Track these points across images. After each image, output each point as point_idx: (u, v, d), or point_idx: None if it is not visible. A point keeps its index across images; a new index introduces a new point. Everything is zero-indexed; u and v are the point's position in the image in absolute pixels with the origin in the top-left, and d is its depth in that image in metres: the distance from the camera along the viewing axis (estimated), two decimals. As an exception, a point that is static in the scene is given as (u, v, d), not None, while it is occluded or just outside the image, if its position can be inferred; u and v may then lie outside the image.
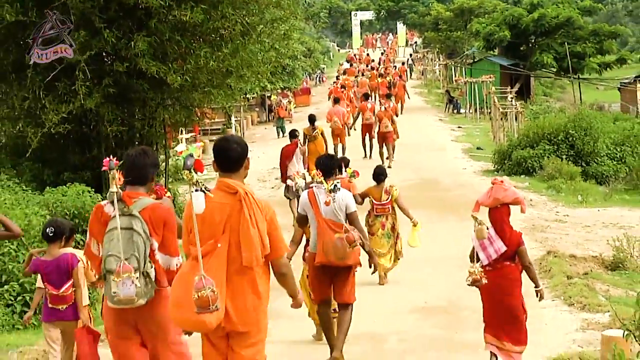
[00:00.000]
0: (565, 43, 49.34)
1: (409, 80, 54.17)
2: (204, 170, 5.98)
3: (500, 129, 33.01)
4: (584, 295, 12.09)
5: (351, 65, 61.59)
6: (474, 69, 50.17)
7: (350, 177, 11.51)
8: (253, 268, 5.79)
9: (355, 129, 29.44)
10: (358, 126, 29.07)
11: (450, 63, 58.98)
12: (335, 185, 9.22)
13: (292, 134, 19.81)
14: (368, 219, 13.63)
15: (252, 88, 29.95)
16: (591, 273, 14.12)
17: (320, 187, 9.29)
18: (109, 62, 17.37)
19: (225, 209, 5.82)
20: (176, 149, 5.56)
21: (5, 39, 17.02)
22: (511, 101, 36.81)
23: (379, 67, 57.49)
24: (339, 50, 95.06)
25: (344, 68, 58.69)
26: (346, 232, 9.02)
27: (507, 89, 44.44)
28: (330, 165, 9.60)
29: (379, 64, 61.44)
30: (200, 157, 5.91)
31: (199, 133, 33.37)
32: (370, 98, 31.03)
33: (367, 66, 60.90)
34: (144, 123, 18.56)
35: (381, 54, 76.54)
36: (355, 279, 9.52)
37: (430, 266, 14.64)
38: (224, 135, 6.41)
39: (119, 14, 17.07)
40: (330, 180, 9.33)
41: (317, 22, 78.96)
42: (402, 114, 39.70)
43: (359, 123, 28.49)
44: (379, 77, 48.05)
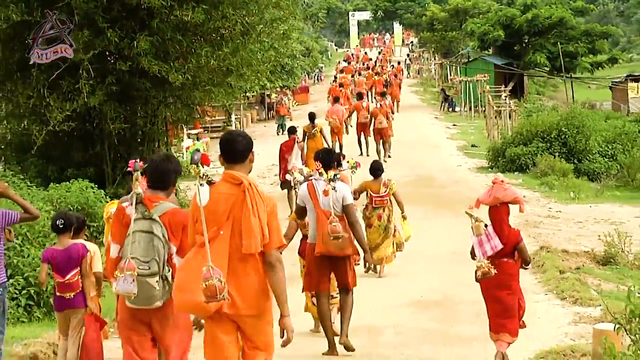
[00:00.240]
0: (558, 43, 49.30)
1: (405, 79, 54.17)
2: (210, 164, 6.02)
3: (495, 127, 33.01)
4: (576, 289, 12.11)
5: (348, 64, 61.51)
6: (469, 68, 50.12)
7: (352, 168, 11.52)
8: (255, 255, 5.84)
9: (351, 126, 29.38)
10: (354, 124, 29.00)
11: (445, 62, 58.93)
12: (335, 175, 9.35)
13: (291, 130, 19.90)
14: (365, 212, 13.73)
15: (252, 86, 29.93)
16: (583, 268, 14.13)
17: (320, 179, 9.37)
18: (112, 61, 17.36)
19: (230, 199, 5.88)
20: (183, 144, 5.53)
21: (10, 38, 17.02)
22: (505, 100, 36.78)
23: (376, 66, 57.44)
24: (336, 49, 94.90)
25: (342, 67, 58.60)
26: (331, 223, 9.08)
27: (501, 87, 44.34)
28: (328, 159, 9.68)
29: (376, 63, 61.38)
30: (206, 152, 5.94)
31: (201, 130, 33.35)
32: (365, 97, 30.93)
33: (363, 64, 60.86)
34: (146, 121, 18.57)
35: (378, 53, 76.46)
36: (354, 267, 9.57)
37: (426, 261, 14.63)
38: (230, 130, 6.44)
39: (121, 14, 17.07)
40: (329, 171, 9.41)
41: (316, 22, 78.95)
42: (398, 112, 39.71)
43: (354, 122, 28.43)
44: (376, 75, 48.03)
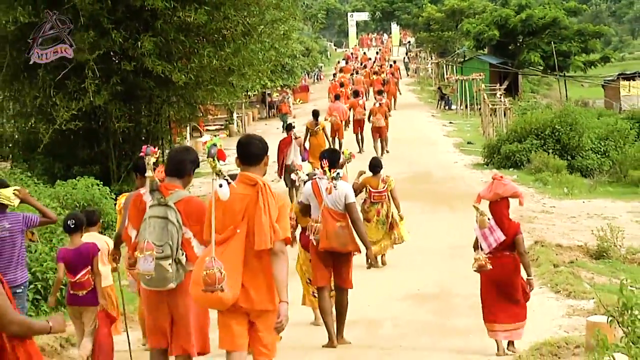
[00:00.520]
0: (552, 42, 49.29)
1: (402, 78, 54.11)
2: (226, 159, 6.11)
3: (490, 125, 33.00)
4: (570, 282, 12.10)
5: (347, 63, 61.47)
6: (465, 67, 50.11)
7: (347, 159, 11.53)
8: (268, 251, 5.98)
9: (349, 123, 29.35)
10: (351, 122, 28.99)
11: (442, 61, 58.88)
12: (338, 174, 9.48)
13: (288, 127, 20.05)
14: (364, 206, 13.76)
15: (253, 86, 29.94)
16: (576, 262, 14.13)
17: (323, 177, 9.48)
18: (116, 61, 17.37)
19: (245, 199, 6.04)
20: (201, 139, 5.74)
21: (17, 39, 17.02)
22: (500, 98, 36.77)
23: (374, 65, 57.39)
24: (335, 49, 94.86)
25: (341, 66, 58.55)
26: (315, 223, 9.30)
27: (496, 86, 44.37)
28: (334, 158, 9.78)
29: (374, 62, 61.33)
30: (223, 147, 6.11)
31: (203, 129, 33.32)
32: (361, 95, 30.87)
33: (361, 64, 60.78)
34: (150, 119, 18.59)
35: (376, 53, 76.46)
36: (352, 264, 9.62)
37: (423, 255, 14.62)
38: (247, 134, 6.58)
39: (126, 16, 17.07)
40: (333, 170, 9.53)
41: (315, 23, 78.54)
42: (395, 109, 39.70)
43: (351, 119, 28.42)
44: (374, 74, 48.00)
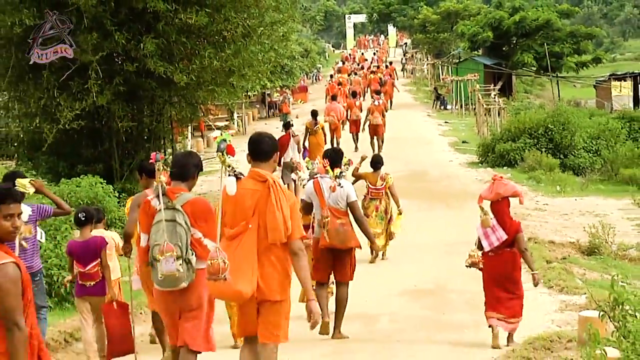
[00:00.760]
0: (545, 44, 49.31)
1: (399, 79, 54.07)
2: (235, 154, 6.26)
3: (484, 124, 33.00)
4: (562, 278, 12.13)
5: (344, 64, 61.42)
6: (460, 68, 50.07)
7: (345, 165, 11.57)
8: (279, 245, 6.11)
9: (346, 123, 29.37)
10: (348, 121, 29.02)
11: (437, 62, 58.85)
12: (341, 172, 9.64)
13: (286, 126, 20.07)
14: (364, 202, 13.87)
15: (253, 86, 29.92)
16: (569, 258, 14.15)
17: (325, 177, 9.57)
18: (119, 62, 17.36)
19: (255, 194, 6.14)
20: (211, 135, 6.00)
21: (22, 41, 16.99)
22: (494, 98, 36.76)
23: (371, 65, 57.35)
24: (333, 50, 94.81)
25: (338, 67, 58.49)
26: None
27: (490, 86, 44.40)
28: (336, 158, 9.87)
29: (371, 63, 61.27)
30: (232, 142, 6.26)
31: (204, 128, 33.31)
32: (358, 96, 30.86)
33: (358, 65, 60.74)
34: (152, 119, 18.58)
35: (373, 54, 76.43)
36: (355, 260, 9.70)
37: (420, 251, 14.64)
38: (258, 132, 6.71)
39: (128, 18, 17.06)
40: (336, 169, 9.66)
41: (314, 25, 78.94)
42: (392, 109, 39.70)
43: (349, 119, 28.49)
44: (371, 74, 47.99)
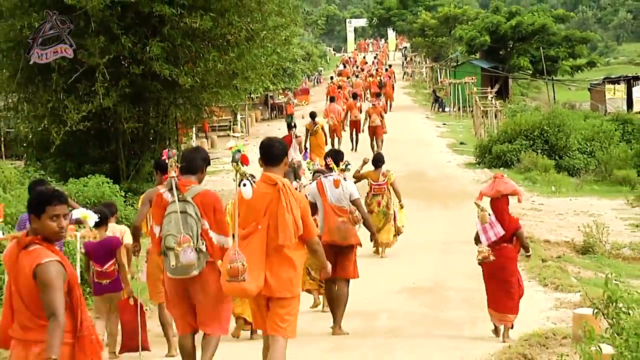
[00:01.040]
0: (540, 48, 49.29)
1: (397, 82, 54.08)
2: (249, 163, 6.46)
3: (482, 126, 33.00)
4: (557, 276, 12.13)
5: (345, 67, 61.35)
6: (458, 71, 50.07)
7: (345, 168, 11.69)
8: (288, 246, 6.33)
9: (347, 125, 29.40)
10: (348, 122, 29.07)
11: (436, 66, 58.84)
12: (347, 165, 10.09)
13: (289, 126, 20.52)
14: (366, 199, 14.12)
15: (256, 88, 29.83)
16: (564, 257, 14.16)
17: (329, 176, 9.79)
18: (125, 65, 17.35)
19: (266, 197, 6.37)
20: (227, 145, 6.45)
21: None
22: (491, 100, 36.77)
23: (371, 68, 57.30)
24: (334, 54, 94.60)
25: (339, 70, 58.46)
26: (352, 213, 9.61)
27: (487, 89, 44.35)
28: (338, 157, 10.28)
29: (371, 66, 61.23)
30: (246, 152, 6.47)
31: (208, 130, 33.31)
32: (358, 98, 30.89)
33: (357, 68, 60.71)
34: (157, 120, 18.58)
35: (374, 57, 76.43)
36: (356, 258, 9.80)
37: (418, 250, 14.64)
38: (269, 137, 6.95)
39: (135, 22, 17.05)
40: (340, 163, 10.04)
41: (315, 29, 79.00)
42: (391, 111, 39.72)
43: (348, 120, 28.57)
44: (370, 77, 48.02)
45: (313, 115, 21.99)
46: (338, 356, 8.70)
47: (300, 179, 12.75)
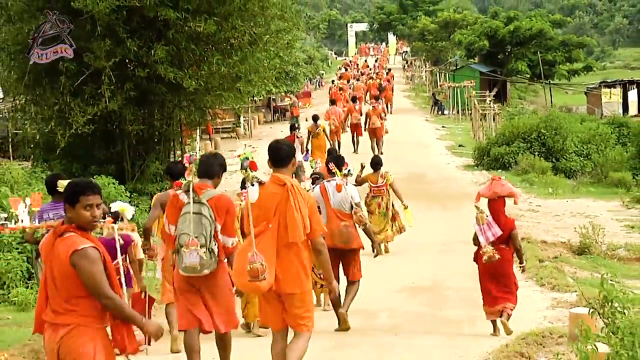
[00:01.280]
0: (538, 52, 49.38)
1: (404, 85, 54.10)
2: (257, 169, 6.64)
3: (480, 129, 33.00)
4: (554, 276, 12.12)
5: (346, 70, 61.37)
6: (457, 75, 50.10)
7: (347, 174, 11.76)
8: (297, 243, 6.45)
9: (348, 127, 29.44)
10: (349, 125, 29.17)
11: (435, 69, 58.88)
12: (349, 170, 10.15)
13: (292, 127, 20.62)
14: (366, 200, 14.21)
15: (259, 91, 29.82)
16: (560, 257, 14.14)
17: (332, 181, 9.87)
18: (131, 68, 17.35)
19: (276, 197, 6.48)
20: (235, 153, 6.84)
21: (39, 47, 16.97)
22: (489, 104, 36.76)
23: (371, 72, 57.32)
24: (336, 58, 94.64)
25: (340, 73, 58.51)
26: (356, 214, 9.74)
27: (486, 92, 44.37)
28: (340, 162, 10.36)
29: (372, 70, 61.25)
30: (254, 159, 6.64)
31: (212, 132, 33.31)
32: (359, 101, 30.95)
33: (358, 71, 60.74)
34: (162, 122, 18.57)
35: (375, 61, 76.52)
36: (360, 259, 9.90)
37: (418, 250, 14.64)
38: (276, 139, 7.06)
39: (140, 25, 17.05)
40: (343, 168, 10.13)
41: (317, 33, 78.95)
42: (391, 113, 39.75)
43: (349, 122, 28.71)
44: (370, 80, 48.06)
45: (315, 118, 22.26)
46: (339, 354, 8.69)
47: (300, 183, 12.78)
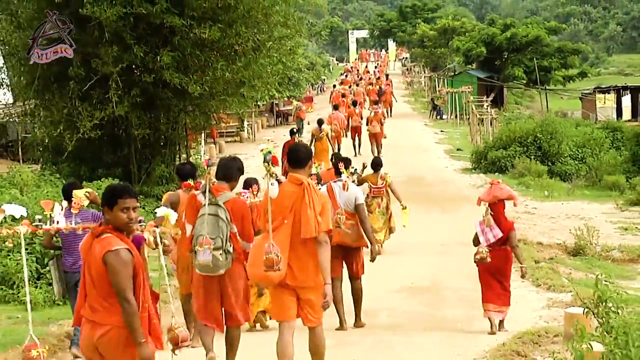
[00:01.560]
0: (534, 58, 49.31)
1: (404, 90, 54.06)
2: (278, 164, 6.81)
3: (478, 133, 32.98)
4: (550, 277, 12.13)
5: (346, 76, 61.33)
6: (455, 81, 50.03)
7: (353, 174, 11.88)
8: (311, 239, 6.61)
9: (349, 131, 29.47)
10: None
11: (434, 75, 58.84)
12: (355, 170, 10.44)
13: (292, 131, 21.05)
14: (366, 200, 14.16)
15: (262, 96, 29.90)
16: (556, 258, 14.15)
17: (338, 181, 9.94)
18: (137, 74, 17.36)
19: (293, 195, 6.67)
20: (259, 147, 6.97)
21: (48, 53, 16.99)
22: (487, 109, 36.73)
23: (371, 77, 57.31)
24: (337, 64, 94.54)
25: (341, 79, 58.46)
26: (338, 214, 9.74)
27: (483, 98, 44.33)
28: (348, 163, 10.70)
29: (372, 75, 61.23)
30: (276, 154, 6.82)
31: (216, 135, 33.31)
32: (359, 105, 30.99)
33: (358, 77, 60.74)
34: (168, 126, 18.57)
35: (375, 67, 76.56)
36: (363, 257, 9.98)
37: (417, 251, 14.64)
38: (295, 142, 7.16)
39: (147, 32, 17.06)
40: (350, 168, 10.40)
41: (319, 39, 78.90)
42: (391, 117, 39.77)
43: (350, 126, 28.80)
44: (369, 85, 48.09)
45: (320, 122, 22.49)
46: (340, 352, 8.68)
47: None
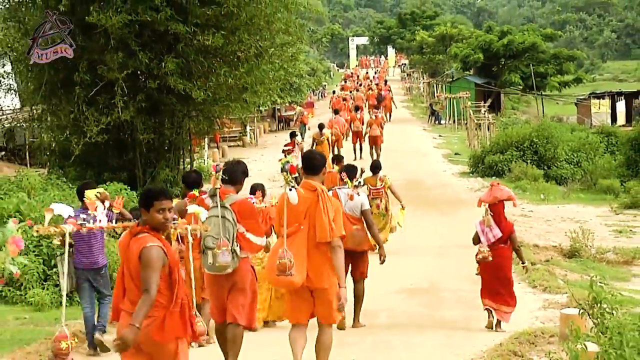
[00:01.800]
0: (530, 64, 49.35)
1: (402, 96, 54.09)
2: (296, 173, 6.96)
3: (475, 138, 32.99)
4: (545, 279, 12.13)
5: (346, 82, 61.37)
6: (453, 87, 50.07)
7: (357, 186, 11.87)
8: (326, 243, 6.72)
9: (349, 135, 29.51)
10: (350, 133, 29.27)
11: (432, 81, 58.89)
12: (360, 182, 10.47)
13: (292, 135, 21.02)
14: None
15: (265, 102, 29.89)
16: (551, 260, 14.14)
17: (343, 188, 10.10)
18: (142, 80, 17.38)
19: (307, 201, 6.80)
20: (278, 157, 7.17)
21: (55, 60, 16.99)
22: (484, 114, 36.77)
23: (371, 83, 57.35)
24: (338, 70, 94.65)
25: (342, 85, 58.52)
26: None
27: (480, 103, 44.39)
28: (353, 172, 10.66)
29: (372, 81, 61.26)
30: (294, 164, 6.90)
31: (219, 140, 33.32)
32: (361, 110, 31.04)
33: (357, 82, 60.77)
34: (172, 131, 18.59)
35: (374, 73, 76.61)
36: (369, 260, 10.08)
37: (416, 253, 14.64)
38: (310, 149, 7.30)
39: (151, 39, 17.08)
40: (354, 179, 10.36)
41: (320, 46, 79.03)
42: (390, 121, 39.77)
43: (351, 130, 28.84)
44: (369, 90, 48.13)
45: (321, 127, 22.83)
46: (340, 352, 8.66)
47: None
